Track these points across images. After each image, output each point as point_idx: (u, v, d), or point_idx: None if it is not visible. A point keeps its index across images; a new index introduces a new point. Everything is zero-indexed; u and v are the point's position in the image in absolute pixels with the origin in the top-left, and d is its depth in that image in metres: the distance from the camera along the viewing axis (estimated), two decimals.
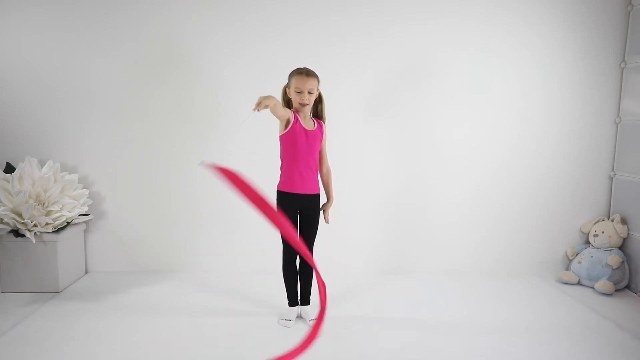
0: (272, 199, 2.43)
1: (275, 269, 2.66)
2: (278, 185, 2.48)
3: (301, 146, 2.40)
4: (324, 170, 2.55)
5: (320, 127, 2.47)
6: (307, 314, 2.56)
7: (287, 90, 2.44)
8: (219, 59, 3.20)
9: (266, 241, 2.98)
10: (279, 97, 2.48)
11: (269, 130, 2.60)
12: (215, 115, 3.25)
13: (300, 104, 2.37)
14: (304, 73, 2.37)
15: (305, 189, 2.43)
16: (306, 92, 2.35)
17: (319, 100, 2.49)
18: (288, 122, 2.37)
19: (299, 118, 2.41)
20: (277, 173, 2.50)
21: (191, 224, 3.34)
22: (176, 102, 3.24)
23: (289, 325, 2.49)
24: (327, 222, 2.56)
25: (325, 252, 2.85)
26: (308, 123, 2.43)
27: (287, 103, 2.50)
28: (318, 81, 2.41)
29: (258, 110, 2.11)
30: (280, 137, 2.42)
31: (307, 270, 2.54)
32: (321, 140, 2.47)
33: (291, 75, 2.41)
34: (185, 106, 3.24)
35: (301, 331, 2.44)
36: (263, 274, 3.20)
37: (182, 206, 3.32)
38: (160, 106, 3.24)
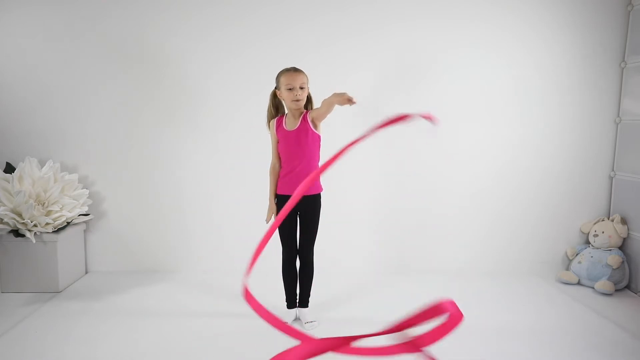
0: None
1: (275, 270, 2.65)
2: (276, 188, 2.50)
3: (288, 148, 2.42)
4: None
5: (305, 121, 2.39)
6: (304, 317, 2.54)
7: (278, 93, 2.44)
8: (219, 60, 3.20)
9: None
10: (264, 106, 2.52)
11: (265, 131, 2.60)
12: (215, 116, 3.25)
13: (293, 100, 2.36)
14: (292, 70, 2.39)
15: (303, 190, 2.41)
16: (298, 88, 2.35)
17: (307, 101, 2.46)
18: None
19: (281, 122, 2.43)
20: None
21: (191, 224, 3.34)
22: (176, 103, 3.24)
23: None
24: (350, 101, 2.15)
25: (326, 253, 2.85)
26: (294, 122, 2.41)
27: (276, 109, 2.50)
28: (307, 78, 2.41)
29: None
30: None
31: (307, 272, 2.54)
32: (308, 135, 2.38)
33: (279, 75, 2.41)
34: (186, 106, 3.24)
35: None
36: (263, 274, 3.20)
37: (182, 206, 3.32)
38: (160, 106, 3.24)
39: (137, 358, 2.16)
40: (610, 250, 3.16)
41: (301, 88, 2.36)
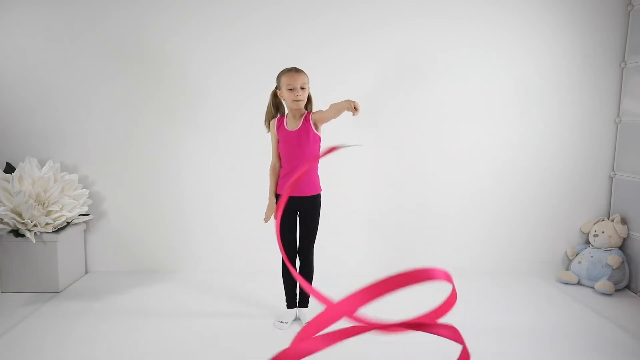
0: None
1: (275, 270, 2.66)
2: (276, 188, 2.50)
3: (288, 148, 2.41)
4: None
5: (307, 121, 2.39)
6: (304, 317, 2.54)
7: (278, 92, 2.44)
8: (219, 60, 3.20)
9: (266, 242, 2.98)
10: (264, 104, 2.52)
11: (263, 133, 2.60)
12: (215, 116, 3.25)
13: (294, 100, 2.36)
14: (292, 70, 2.38)
15: (301, 191, 2.41)
16: (299, 88, 2.34)
17: (307, 101, 2.45)
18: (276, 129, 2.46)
19: (282, 122, 2.43)
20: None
21: (191, 224, 3.34)
22: (176, 103, 3.24)
23: (283, 327, 2.47)
24: (356, 110, 2.16)
25: (325, 253, 2.85)
26: (295, 123, 2.41)
27: (276, 108, 2.50)
28: (308, 78, 2.41)
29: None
30: None
31: (307, 272, 2.54)
32: (310, 136, 2.38)
33: (280, 75, 2.41)
34: (186, 106, 3.24)
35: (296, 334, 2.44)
36: (263, 274, 3.20)
37: (182, 206, 3.32)
38: (160, 106, 3.24)
39: (137, 358, 2.16)
40: (610, 250, 3.16)
41: (302, 88, 2.36)
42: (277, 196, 2.51)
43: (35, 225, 2.86)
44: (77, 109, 3.23)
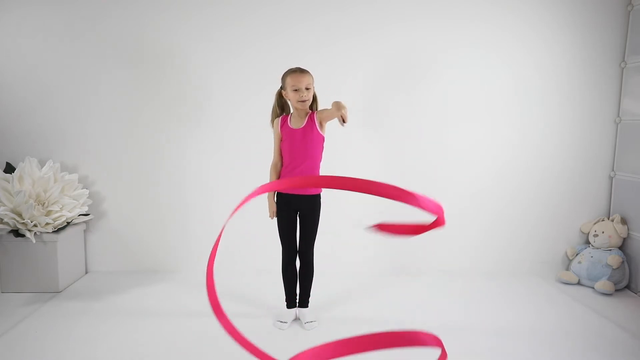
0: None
1: (275, 270, 2.65)
2: None
3: (292, 147, 2.41)
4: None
5: (311, 120, 2.40)
6: (304, 317, 2.53)
7: (284, 93, 2.44)
8: (219, 60, 3.20)
9: (266, 241, 2.98)
10: (270, 104, 2.52)
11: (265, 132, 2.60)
12: (216, 116, 3.25)
13: (299, 101, 2.36)
14: (297, 71, 2.38)
15: (302, 190, 2.41)
16: (304, 88, 2.35)
17: (313, 101, 2.46)
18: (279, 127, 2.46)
19: (286, 120, 2.44)
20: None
21: (191, 224, 3.34)
22: (176, 103, 3.24)
23: (283, 327, 2.47)
24: (344, 120, 2.20)
25: (326, 253, 2.85)
26: (300, 121, 2.42)
27: (282, 108, 2.50)
28: (312, 78, 2.41)
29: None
30: None
31: (307, 272, 2.54)
32: (314, 134, 2.40)
33: (285, 76, 2.41)
34: (186, 106, 3.24)
35: (297, 333, 2.44)
36: (263, 274, 3.20)
37: (182, 206, 3.32)
38: (160, 106, 3.24)
39: (137, 358, 2.16)
40: (610, 250, 3.16)
41: (307, 89, 2.36)
42: (278, 195, 2.50)
43: (35, 225, 2.86)
44: (77, 109, 3.23)
